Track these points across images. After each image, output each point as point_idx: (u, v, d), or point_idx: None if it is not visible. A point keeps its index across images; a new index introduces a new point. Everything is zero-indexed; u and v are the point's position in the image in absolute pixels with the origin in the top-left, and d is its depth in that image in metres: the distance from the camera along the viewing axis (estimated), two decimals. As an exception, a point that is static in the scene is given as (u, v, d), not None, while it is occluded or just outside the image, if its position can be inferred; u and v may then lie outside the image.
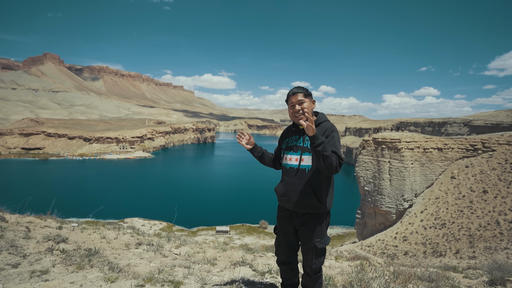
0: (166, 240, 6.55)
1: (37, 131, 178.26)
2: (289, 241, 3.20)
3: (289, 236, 3.18)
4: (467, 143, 51.25)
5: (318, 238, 3.00)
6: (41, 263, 3.91)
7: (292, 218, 3.10)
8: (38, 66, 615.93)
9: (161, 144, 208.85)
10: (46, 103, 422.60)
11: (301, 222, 3.03)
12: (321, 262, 3.10)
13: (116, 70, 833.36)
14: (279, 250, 3.33)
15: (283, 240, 3.26)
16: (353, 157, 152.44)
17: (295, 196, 2.96)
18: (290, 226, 3.13)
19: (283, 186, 3.08)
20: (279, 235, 3.30)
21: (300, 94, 3.03)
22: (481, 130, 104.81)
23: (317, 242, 2.99)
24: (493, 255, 30.21)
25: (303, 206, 2.95)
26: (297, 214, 3.05)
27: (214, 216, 73.65)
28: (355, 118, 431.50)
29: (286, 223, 3.16)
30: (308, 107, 3.03)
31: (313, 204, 2.92)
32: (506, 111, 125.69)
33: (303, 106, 3.01)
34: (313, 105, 3.10)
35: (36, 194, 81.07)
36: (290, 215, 3.11)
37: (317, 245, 2.99)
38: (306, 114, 2.61)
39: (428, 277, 4.65)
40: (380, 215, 52.52)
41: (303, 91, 3.05)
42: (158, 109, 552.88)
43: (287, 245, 3.23)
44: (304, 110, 2.95)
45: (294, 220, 3.08)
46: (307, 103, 3.04)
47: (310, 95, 3.08)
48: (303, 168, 2.95)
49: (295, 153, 3.02)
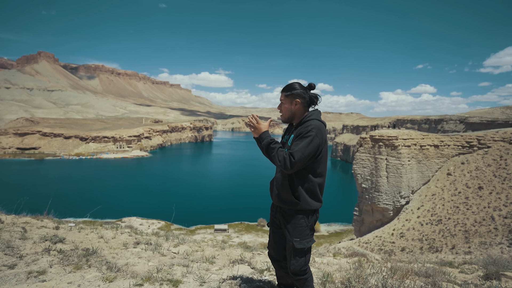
0: (165, 239, 6.54)
1: (32, 131, 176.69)
2: (276, 236, 3.23)
3: (276, 230, 3.23)
4: (463, 140, 51.68)
5: (297, 237, 2.91)
6: (38, 263, 3.89)
7: (276, 212, 3.16)
8: (32, 65, 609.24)
9: (159, 143, 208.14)
10: (41, 102, 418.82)
11: (283, 217, 3.05)
12: (301, 265, 2.95)
13: (112, 69, 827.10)
14: (269, 244, 3.37)
15: (271, 233, 3.31)
16: (351, 154, 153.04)
17: (276, 190, 3.00)
18: (275, 220, 3.20)
19: (272, 180, 3.15)
20: (270, 229, 3.35)
21: (282, 94, 3.03)
22: (477, 127, 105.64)
23: (295, 241, 2.90)
24: (488, 250, 30.59)
25: (281, 200, 2.96)
26: (281, 209, 3.06)
27: (212, 215, 73.67)
28: (353, 115, 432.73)
29: (272, 217, 3.25)
30: (285, 109, 3.02)
31: (290, 199, 2.89)
32: (501, 108, 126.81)
33: (281, 107, 3.06)
34: (295, 106, 2.98)
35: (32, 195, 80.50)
36: (276, 209, 3.17)
37: (295, 245, 2.89)
38: (249, 118, 2.85)
39: (425, 273, 4.70)
40: (378, 212, 52.88)
41: (285, 90, 3.01)
42: (155, 107, 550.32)
43: (275, 239, 3.27)
44: (251, 115, 3.01)
45: (277, 215, 3.14)
46: (287, 104, 3.00)
47: (292, 94, 2.96)
48: None
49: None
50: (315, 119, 2.89)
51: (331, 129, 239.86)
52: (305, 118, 2.95)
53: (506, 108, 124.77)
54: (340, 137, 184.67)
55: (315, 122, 2.86)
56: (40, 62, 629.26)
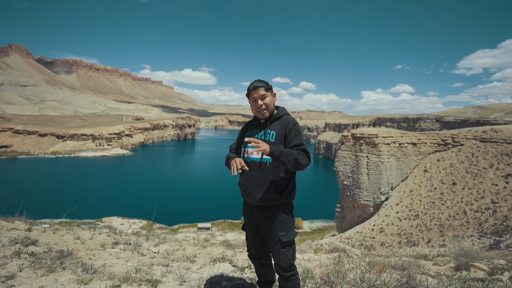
0: (145, 239, 6.39)
1: (3, 128, 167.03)
2: (256, 236, 3.16)
3: (254, 231, 3.14)
4: (438, 138, 54.04)
5: (283, 231, 2.93)
6: (6, 268, 3.68)
7: (254, 212, 3.06)
8: (2, 58, 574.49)
9: (140, 141, 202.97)
10: (13, 98, 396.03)
11: (263, 215, 2.98)
12: (290, 258, 2.94)
13: (91, 64, 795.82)
14: (249, 246, 3.30)
15: (250, 235, 3.22)
16: (333, 152, 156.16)
17: (255, 189, 2.90)
18: (253, 220, 3.10)
19: (245, 180, 2.99)
20: (247, 231, 3.25)
21: (262, 89, 2.94)
22: (451, 126, 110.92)
23: (281, 235, 2.92)
24: (460, 243, 32.25)
25: (263, 199, 2.89)
26: (259, 207, 3.00)
27: (195, 213, 72.93)
28: (335, 114, 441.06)
29: (249, 217, 3.14)
30: (270, 102, 2.98)
31: (272, 196, 2.88)
32: (473, 108, 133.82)
33: (265, 101, 2.96)
34: (274, 98, 3.05)
35: (3, 195, 76.41)
36: (252, 209, 3.07)
37: (282, 239, 2.91)
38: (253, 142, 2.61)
39: (401, 266, 4.88)
40: (359, 208, 54.38)
41: (264, 85, 2.98)
42: (136, 104, 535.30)
43: (254, 241, 3.20)
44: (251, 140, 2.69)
45: (256, 214, 3.05)
46: (269, 97, 2.99)
47: (271, 88, 3.02)
48: (265, 161, 2.89)
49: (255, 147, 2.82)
50: (287, 115, 3.03)
51: (314, 127, 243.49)
52: (279, 113, 3.06)
53: (478, 108, 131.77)
54: (322, 135, 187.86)
55: (290, 117, 2.99)
56: (12, 56, 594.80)
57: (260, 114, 2.99)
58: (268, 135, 2.94)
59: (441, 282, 3.98)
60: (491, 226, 34.07)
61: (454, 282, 3.93)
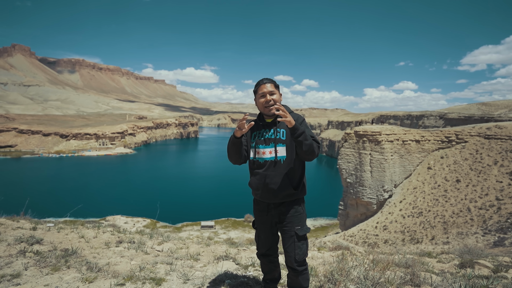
0: (149, 237, 6.42)
1: (7, 128, 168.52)
2: (269, 233, 3.20)
3: (268, 228, 3.18)
4: (442, 135, 53.65)
5: (298, 225, 3.04)
6: (12, 266, 3.72)
7: (270, 210, 3.10)
8: (6, 58, 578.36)
9: (143, 140, 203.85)
10: (17, 98, 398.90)
11: (279, 212, 3.05)
12: (305, 252, 3.04)
13: (94, 64, 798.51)
14: (260, 244, 3.33)
15: (262, 233, 3.25)
16: (336, 150, 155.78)
17: (272, 187, 2.96)
18: (268, 217, 3.13)
19: (258, 179, 3.03)
20: (259, 229, 3.28)
21: (271, 85, 3.00)
22: (455, 123, 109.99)
23: (297, 229, 3.02)
24: (464, 240, 32.09)
25: (281, 196, 2.97)
26: (274, 204, 3.06)
27: (199, 212, 73.24)
28: (338, 111, 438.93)
29: (263, 215, 3.16)
30: (278, 99, 3.03)
31: (289, 192, 2.97)
32: (477, 105, 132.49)
33: (274, 97, 2.99)
34: (280, 97, 3.11)
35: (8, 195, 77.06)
36: (267, 207, 3.11)
37: (298, 233, 3.01)
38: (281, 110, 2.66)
39: (405, 264, 4.86)
40: (362, 206, 54.25)
41: (273, 82, 3.05)
42: (139, 103, 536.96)
43: (266, 238, 3.24)
44: (277, 103, 2.93)
45: (272, 211, 3.09)
46: (277, 95, 3.04)
47: (278, 87, 3.09)
48: (279, 159, 2.97)
49: (268, 146, 2.98)
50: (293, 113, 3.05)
51: (317, 125, 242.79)
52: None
53: (482, 105, 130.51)
54: (325, 133, 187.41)
55: (297, 114, 3.04)
56: (15, 56, 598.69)
57: (267, 109, 3.01)
58: (279, 133, 3.00)
59: (446, 279, 3.96)
60: (496, 223, 33.84)
61: (458, 279, 3.90)
